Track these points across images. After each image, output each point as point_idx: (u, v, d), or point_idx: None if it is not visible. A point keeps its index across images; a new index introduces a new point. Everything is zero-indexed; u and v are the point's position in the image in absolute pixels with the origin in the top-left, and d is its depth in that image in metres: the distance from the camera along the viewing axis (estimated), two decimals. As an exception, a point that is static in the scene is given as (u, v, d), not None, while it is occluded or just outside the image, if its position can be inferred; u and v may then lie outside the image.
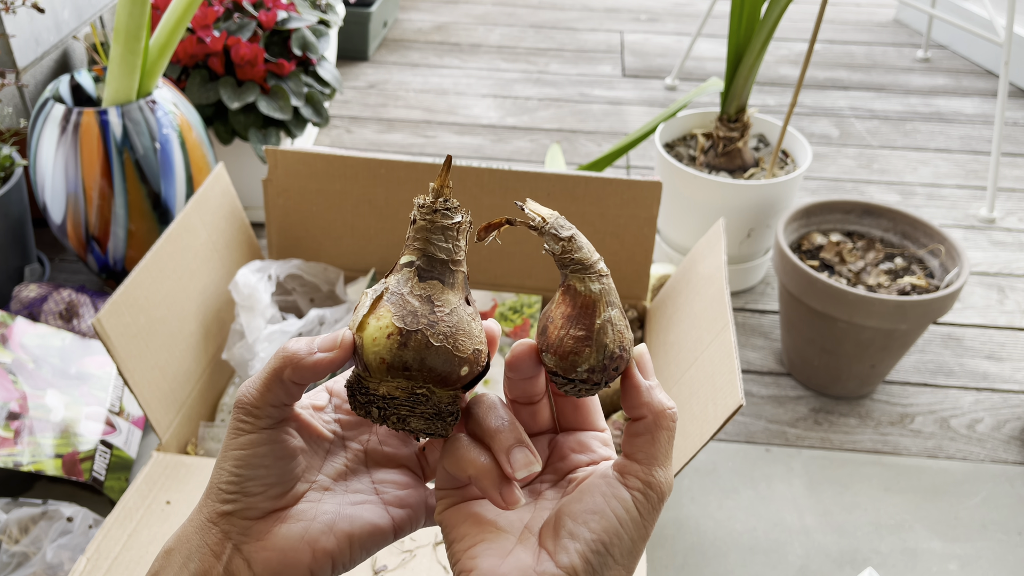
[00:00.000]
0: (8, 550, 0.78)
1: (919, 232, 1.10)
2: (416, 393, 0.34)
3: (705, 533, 0.91)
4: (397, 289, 0.35)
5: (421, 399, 0.34)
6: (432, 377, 0.34)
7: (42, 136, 1.04)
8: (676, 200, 1.25)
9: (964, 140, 1.74)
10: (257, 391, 0.34)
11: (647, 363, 0.36)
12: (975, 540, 0.91)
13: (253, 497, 0.35)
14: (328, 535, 0.35)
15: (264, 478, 0.35)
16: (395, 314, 0.34)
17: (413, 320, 0.34)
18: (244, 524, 0.35)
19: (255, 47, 1.21)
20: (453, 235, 0.35)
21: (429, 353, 0.34)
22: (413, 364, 0.34)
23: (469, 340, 0.34)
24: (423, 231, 0.35)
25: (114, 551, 0.67)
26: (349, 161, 0.96)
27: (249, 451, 0.34)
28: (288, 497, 0.36)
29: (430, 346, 0.33)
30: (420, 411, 0.34)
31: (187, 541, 0.35)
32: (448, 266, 0.35)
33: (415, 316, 0.34)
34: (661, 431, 0.35)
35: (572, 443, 0.38)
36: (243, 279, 0.90)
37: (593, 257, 0.35)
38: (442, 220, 0.35)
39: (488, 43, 2.13)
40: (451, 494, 0.37)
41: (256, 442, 0.34)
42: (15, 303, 1.03)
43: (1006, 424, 1.07)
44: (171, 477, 0.74)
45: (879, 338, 1.01)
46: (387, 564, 0.68)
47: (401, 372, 0.34)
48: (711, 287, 0.83)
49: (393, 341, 0.33)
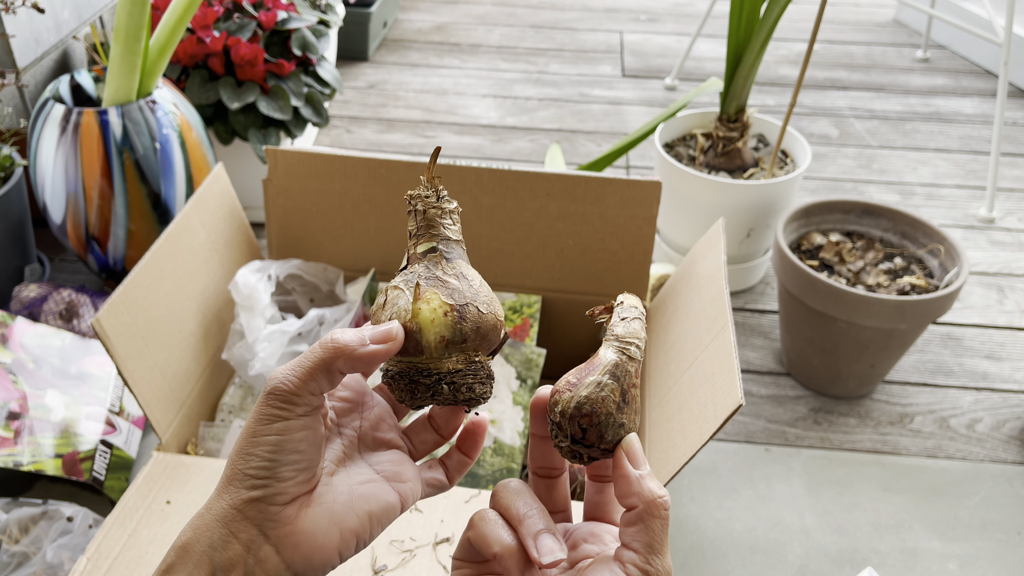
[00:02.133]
0: (8, 550, 0.78)
1: (918, 232, 1.10)
2: (474, 361, 0.38)
3: (705, 533, 0.91)
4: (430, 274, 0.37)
5: (478, 366, 0.38)
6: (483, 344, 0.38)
7: (42, 136, 1.04)
8: (676, 200, 1.25)
9: (963, 140, 1.74)
10: (299, 379, 0.35)
11: (637, 452, 0.37)
12: (974, 540, 0.91)
13: (285, 482, 0.35)
14: (350, 514, 0.36)
15: (297, 463, 0.35)
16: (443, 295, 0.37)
17: (461, 296, 0.37)
18: (272, 510, 0.35)
19: (255, 47, 1.21)
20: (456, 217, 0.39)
21: (483, 321, 0.37)
22: (471, 334, 0.37)
23: (500, 307, 0.39)
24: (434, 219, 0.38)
25: (114, 551, 0.67)
26: (349, 161, 0.96)
27: (285, 437, 0.35)
28: (312, 482, 0.36)
29: (481, 315, 0.37)
30: (480, 376, 0.38)
31: (207, 531, 0.35)
32: (461, 245, 0.39)
33: (460, 293, 0.37)
34: (654, 520, 0.35)
35: (585, 532, 0.39)
36: (243, 279, 0.90)
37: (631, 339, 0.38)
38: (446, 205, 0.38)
39: (488, 43, 2.13)
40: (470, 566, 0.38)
41: (292, 428, 0.35)
42: (15, 303, 1.03)
43: (1005, 424, 1.07)
44: (171, 477, 0.75)
45: (878, 338, 1.01)
46: (387, 564, 0.68)
47: (459, 345, 0.37)
48: (711, 287, 0.83)
49: (451, 318, 0.36)
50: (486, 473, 0.85)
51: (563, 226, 0.96)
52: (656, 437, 0.80)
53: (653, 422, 0.83)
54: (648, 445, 0.82)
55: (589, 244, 0.97)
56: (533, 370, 0.93)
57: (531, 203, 0.95)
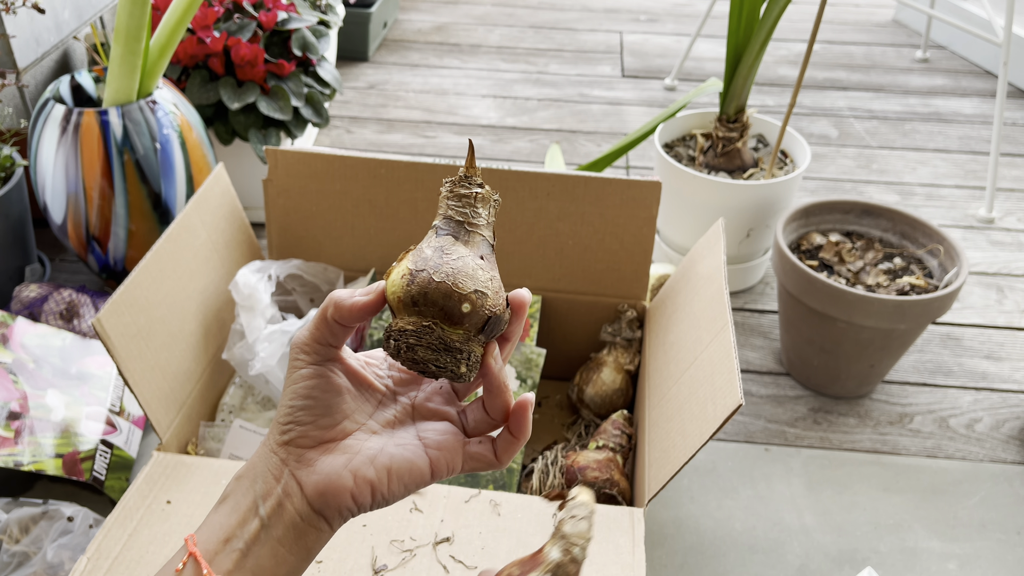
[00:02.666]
0: (8, 550, 0.78)
1: (918, 232, 1.10)
2: (424, 326, 0.40)
3: (704, 532, 0.91)
4: (419, 247, 0.41)
5: (427, 331, 0.40)
6: (436, 312, 0.39)
7: (42, 136, 1.04)
8: (675, 200, 1.25)
9: (963, 140, 1.74)
10: (308, 332, 0.41)
11: None
12: (974, 539, 0.91)
13: (304, 426, 0.41)
14: (368, 466, 0.41)
15: (313, 408, 0.41)
16: (411, 261, 0.40)
17: (422, 263, 0.40)
18: (298, 452, 0.41)
19: (255, 48, 1.21)
20: (471, 202, 0.41)
21: (431, 288, 0.39)
22: (419, 299, 0.39)
23: (471, 282, 0.39)
24: (444, 199, 0.42)
25: (115, 551, 0.68)
26: (349, 161, 0.96)
27: (300, 384, 0.41)
28: (336, 431, 0.41)
29: (431, 282, 0.39)
30: (426, 342, 0.40)
31: (253, 467, 0.41)
32: (464, 226, 0.41)
33: (424, 260, 0.40)
34: None
35: None
36: (243, 279, 0.90)
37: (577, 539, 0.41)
38: (460, 189, 0.41)
39: (488, 44, 2.13)
40: None
41: (307, 376, 0.41)
42: (16, 303, 1.04)
43: (1005, 424, 1.07)
44: (171, 477, 0.75)
45: (878, 338, 1.01)
46: (387, 563, 0.68)
47: (412, 308, 0.40)
48: (710, 287, 0.83)
49: (404, 281, 0.40)
50: (486, 473, 0.85)
51: (563, 226, 0.96)
52: (656, 437, 0.80)
53: (652, 422, 0.83)
54: (648, 445, 0.82)
55: (589, 244, 0.97)
56: (533, 370, 0.93)
57: (531, 203, 0.95)
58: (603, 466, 0.83)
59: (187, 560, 0.39)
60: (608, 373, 0.97)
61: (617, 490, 0.82)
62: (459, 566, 0.68)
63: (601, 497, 0.82)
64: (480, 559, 0.69)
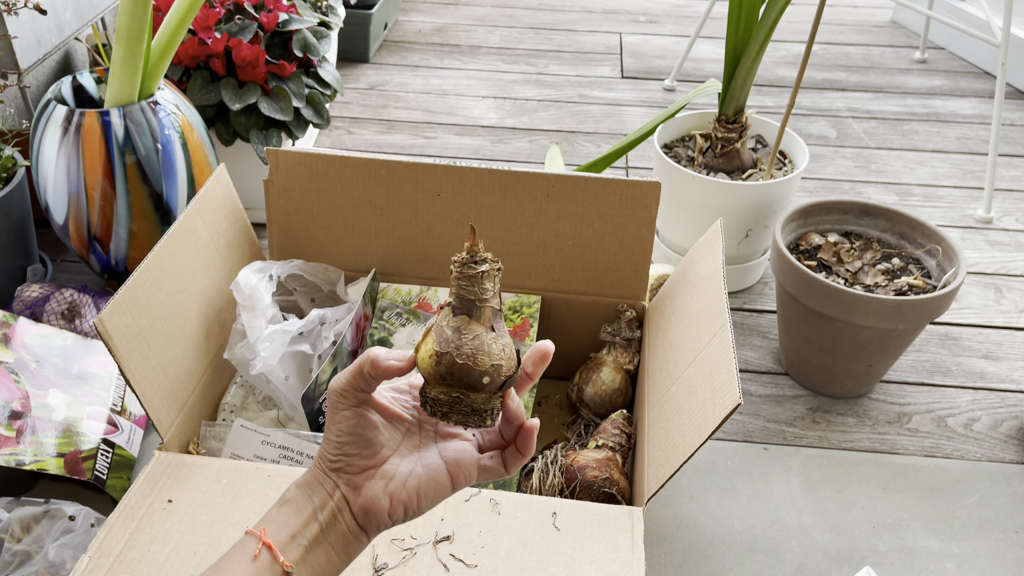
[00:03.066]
0: (10, 549, 0.78)
1: (916, 232, 1.11)
2: (454, 396, 0.48)
3: (703, 532, 0.91)
4: (439, 323, 0.49)
5: (457, 400, 0.48)
6: (462, 384, 0.48)
7: (44, 137, 1.04)
8: (675, 201, 1.25)
9: (961, 141, 1.75)
10: (346, 380, 0.48)
11: None
12: (972, 539, 0.92)
13: (351, 457, 0.49)
14: (402, 489, 0.49)
15: (356, 443, 0.49)
16: (435, 341, 0.48)
17: (445, 345, 0.47)
18: (347, 477, 0.49)
19: (256, 48, 1.22)
20: (479, 280, 0.48)
21: (456, 368, 0.47)
22: (447, 376, 0.47)
23: (488, 358, 0.47)
24: (456, 279, 0.48)
25: (116, 550, 0.68)
26: (350, 162, 0.96)
27: (344, 424, 0.49)
28: (376, 459, 0.49)
29: (455, 363, 0.47)
30: (458, 409, 0.48)
31: (311, 482, 0.49)
32: (475, 304, 0.48)
33: (447, 342, 0.47)
34: None
35: None
36: (244, 279, 0.90)
37: None
38: (468, 271, 0.48)
39: (488, 45, 2.13)
40: None
41: (348, 417, 0.49)
42: (17, 303, 1.04)
43: (1003, 423, 1.08)
44: (173, 476, 0.75)
45: (876, 338, 1.01)
46: (387, 562, 0.69)
47: (442, 382, 0.48)
48: (709, 287, 0.84)
49: (432, 360, 0.47)
50: (486, 472, 0.85)
51: (563, 226, 0.96)
52: (655, 436, 0.81)
53: (652, 421, 0.83)
54: (647, 444, 0.82)
55: (588, 244, 0.97)
56: (533, 370, 0.93)
57: (531, 203, 0.96)
58: (602, 465, 0.84)
59: (261, 548, 0.47)
60: (607, 373, 0.97)
61: (616, 489, 0.82)
62: (459, 564, 0.69)
63: (600, 496, 0.82)
64: (480, 558, 0.69)
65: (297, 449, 0.83)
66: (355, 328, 0.93)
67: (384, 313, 0.99)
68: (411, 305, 1.00)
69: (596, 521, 0.72)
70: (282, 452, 0.83)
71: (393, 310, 0.99)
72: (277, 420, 0.92)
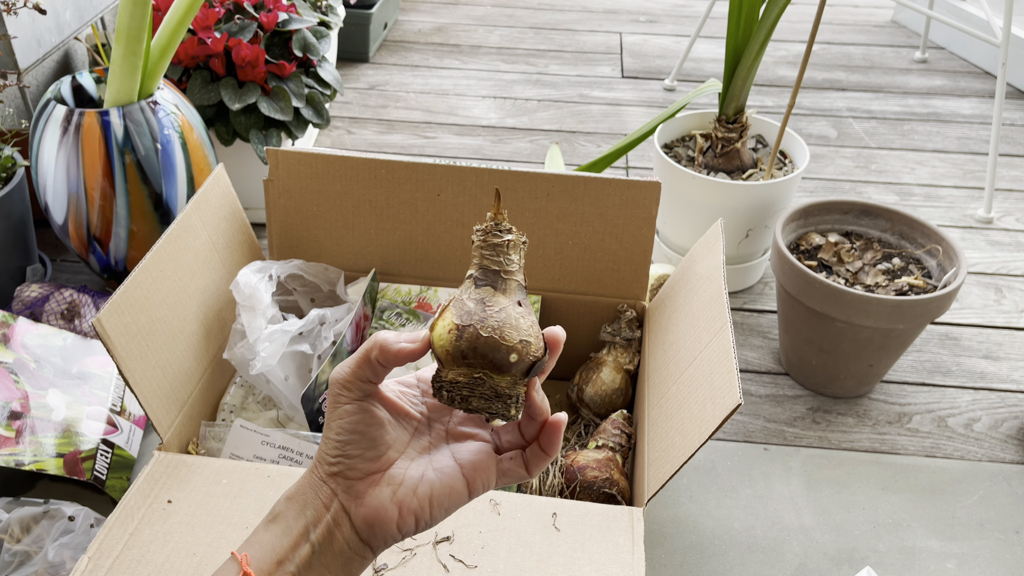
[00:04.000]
0: (10, 549, 0.78)
1: (917, 232, 1.10)
2: (475, 377, 0.42)
3: (703, 532, 0.91)
4: (459, 296, 0.43)
5: (479, 382, 0.42)
6: (486, 363, 0.41)
7: (44, 137, 1.04)
8: (675, 201, 1.25)
9: (961, 141, 1.75)
10: (350, 369, 0.42)
11: None
12: (972, 539, 0.92)
13: (352, 459, 0.42)
14: (412, 497, 0.43)
15: (359, 442, 0.42)
16: (455, 314, 0.42)
17: (467, 317, 0.42)
18: (347, 483, 0.43)
19: (256, 48, 1.22)
20: (504, 250, 0.43)
21: (480, 342, 0.41)
22: (468, 352, 0.41)
23: (516, 332, 0.42)
24: (478, 248, 0.44)
25: (116, 550, 0.68)
26: (350, 162, 0.96)
27: (346, 420, 0.42)
28: (381, 461, 0.43)
29: (479, 337, 0.41)
30: (479, 392, 0.42)
31: (303, 493, 0.43)
32: (500, 275, 0.43)
33: (469, 314, 0.42)
34: None
35: None
36: (244, 279, 0.90)
37: None
38: (493, 239, 0.43)
39: (488, 45, 2.13)
40: None
41: (351, 412, 0.42)
42: (17, 303, 1.04)
43: (1003, 423, 1.07)
44: (172, 476, 0.75)
45: (877, 338, 1.01)
46: (387, 563, 0.68)
47: (462, 360, 0.42)
48: (709, 287, 0.83)
49: (452, 335, 0.41)
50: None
51: (563, 226, 0.96)
52: (655, 436, 0.80)
53: (652, 421, 0.83)
54: (647, 444, 0.82)
55: (589, 244, 0.97)
56: (533, 370, 0.93)
57: (531, 203, 0.95)
58: (603, 465, 0.84)
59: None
60: (608, 373, 0.97)
61: (616, 489, 0.82)
62: (459, 565, 0.68)
63: (600, 496, 0.82)
64: (480, 558, 0.69)
65: (297, 449, 0.83)
66: (355, 328, 0.93)
67: (384, 313, 0.99)
68: (411, 305, 0.99)
69: (596, 521, 0.72)
70: (282, 452, 0.83)
71: (393, 310, 0.99)
72: (277, 420, 0.92)
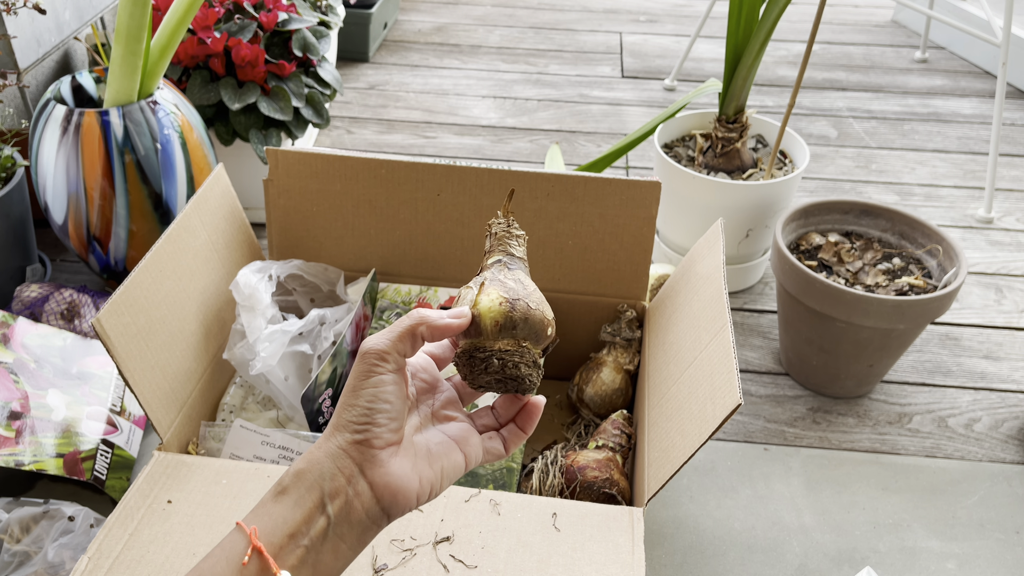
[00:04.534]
0: (10, 549, 0.78)
1: (917, 232, 1.10)
2: (522, 346, 0.46)
3: (703, 532, 0.91)
4: (494, 277, 0.48)
5: (525, 351, 0.46)
6: (530, 334, 0.47)
7: (43, 137, 1.04)
8: (675, 200, 1.25)
9: (962, 141, 1.74)
10: (389, 341, 0.44)
11: None
12: (973, 539, 0.92)
13: (380, 428, 0.43)
14: (427, 468, 0.45)
15: (388, 412, 0.44)
16: (500, 291, 0.47)
17: (514, 293, 0.47)
18: (370, 453, 0.43)
19: (256, 48, 1.21)
20: (521, 241, 0.50)
21: (530, 314, 0.46)
22: (519, 322, 0.46)
23: (549, 311, 0.48)
24: (504, 239, 0.50)
25: (115, 550, 0.68)
26: (350, 161, 0.96)
27: (379, 389, 0.43)
28: (399, 434, 0.45)
29: (530, 309, 0.46)
30: (525, 360, 0.46)
31: (318, 464, 0.43)
32: (523, 262, 0.50)
33: (515, 291, 0.47)
34: None
35: None
36: (244, 279, 0.90)
37: None
38: (515, 231, 0.50)
39: (488, 44, 2.13)
40: None
41: (385, 382, 0.44)
42: (17, 303, 1.04)
43: (1004, 423, 1.07)
44: (172, 476, 0.75)
45: (877, 338, 1.01)
46: (387, 563, 0.68)
47: (510, 331, 0.46)
48: (710, 287, 0.83)
49: (504, 307, 0.46)
50: (486, 472, 0.85)
51: (563, 226, 0.96)
52: (655, 436, 0.80)
53: (652, 421, 0.83)
54: (647, 444, 0.82)
55: (589, 244, 0.97)
56: (533, 370, 0.93)
57: (531, 203, 0.95)
58: (603, 466, 0.84)
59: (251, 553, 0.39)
60: (608, 373, 0.97)
61: (616, 489, 0.82)
62: (459, 565, 0.68)
63: (601, 497, 0.82)
64: (480, 558, 0.69)
65: (297, 449, 0.83)
66: (355, 328, 0.93)
67: (384, 313, 0.99)
68: (411, 305, 0.99)
69: (596, 522, 0.72)
70: (281, 452, 0.83)
71: (393, 310, 0.99)
72: (276, 420, 0.92)
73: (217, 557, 0.40)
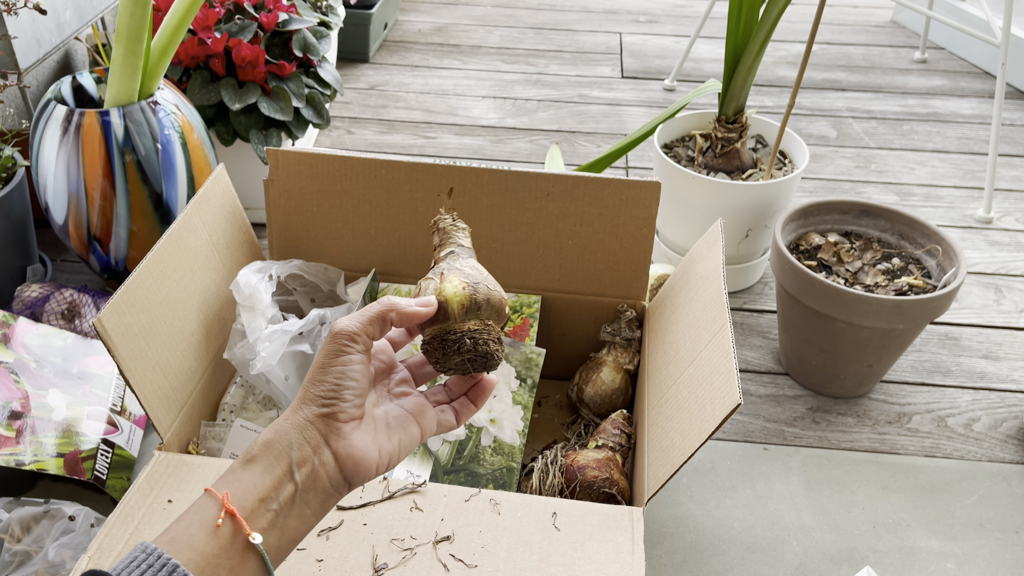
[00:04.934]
0: (10, 549, 0.78)
1: (916, 232, 1.11)
2: (487, 324, 0.51)
3: (703, 532, 0.91)
4: (452, 266, 0.52)
5: (490, 329, 0.51)
6: (492, 313, 0.51)
7: (44, 137, 1.04)
8: (675, 201, 1.25)
9: (961, 141, 1.75)
10: (360, 324, 0.48)
11: None
12: (972, 539, 0.92)
13: (346, 403, 0.47)
14: (386, 440, 0.49)
15: (354, 389, 0.47)
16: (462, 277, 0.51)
17: (474, 278, 0.51)
18: (335, 425, 0.46)
19: (256, 48, 1.22)
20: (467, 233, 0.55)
21: (491, 295, 0.51)
22: (483, 303, 0.50)
23: (502, 292, 0.53)
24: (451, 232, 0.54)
25: (116, 550, 0.68)
26: (350, 162, 0.96)
27: (348, 367, 0.47)
28: (361, 409, 0.48)
29: (490, 291, 0.51)
30: (492, 337, 0.51)
31: (286, 435, 0.46)
32: (471, 251, 0.54)
33: (473, 277, 0.51)
34: None
35: None
36: (244, 279, 0.90)
37: None
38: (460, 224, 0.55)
39: (488, 45, 2.13)
40: None
41: (354, 361, 0.47)
42: (17, 303, 1.04)
43: (1003, 423, 1.08)
44: (173, 476, 0.75)
45: (876, 338, 1.01)
46: (387, 562, 0.69)
47: (475, 312, 0.50)
48: (709, 287, 0.84)
49: (468, 291, 0.50)
50: (486, 472, 0.85)
51: (562, 226, 0.96)
52: (655, 436, 0.80)
53: (652, 421, 0.83)
54: (647, 444, 0.82)
55: (588, 244, 0.97)
56: (533, 370, 0.93)
57: (531, 203, 0.95)
58: (602, 465, 0.84)
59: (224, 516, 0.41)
60: (607, 373, 0.97)
61: (616, 489, 0.82)
62: (459, 565, 0.69)
63: (600, 496, 0.82)
64: (480, 558, 0.69)
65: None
66: (355, 328, 0.93)
67: (384, 313, 0.99)
68: (411, 305, 0.99)
69: (596, 521, 0.72)
70: (282, 452, 0.83)
71: (393, 310, 0.99)
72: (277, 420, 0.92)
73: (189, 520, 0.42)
